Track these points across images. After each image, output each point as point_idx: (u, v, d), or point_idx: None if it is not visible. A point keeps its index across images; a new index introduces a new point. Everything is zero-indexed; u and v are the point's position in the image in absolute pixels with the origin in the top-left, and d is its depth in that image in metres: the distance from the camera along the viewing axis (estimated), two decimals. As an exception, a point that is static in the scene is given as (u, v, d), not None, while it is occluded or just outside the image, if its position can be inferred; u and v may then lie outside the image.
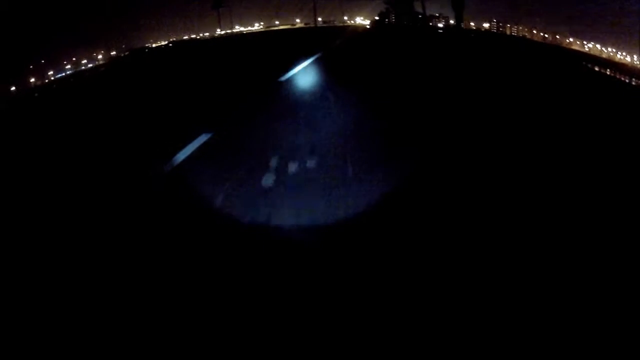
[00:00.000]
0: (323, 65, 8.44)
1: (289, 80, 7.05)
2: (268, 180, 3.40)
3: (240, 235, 2.81)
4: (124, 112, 5.77)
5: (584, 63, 12.38)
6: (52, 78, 11.35)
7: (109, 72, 12.58)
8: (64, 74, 11.79)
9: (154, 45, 15.68)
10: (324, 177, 3.43)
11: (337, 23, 24.37)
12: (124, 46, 13.91)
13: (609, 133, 4.52)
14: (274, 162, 3.77)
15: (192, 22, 17.46)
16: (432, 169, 3.48)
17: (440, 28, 20.68)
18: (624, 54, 14.57)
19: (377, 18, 23.14)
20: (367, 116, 5.03)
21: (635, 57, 15.06)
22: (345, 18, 24.28)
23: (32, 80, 10.60)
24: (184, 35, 17.74)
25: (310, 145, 4.11)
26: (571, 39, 16.92)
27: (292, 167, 3.59)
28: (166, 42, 16.53)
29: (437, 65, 9.16)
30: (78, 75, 12.30)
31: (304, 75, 7.52)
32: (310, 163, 3.71)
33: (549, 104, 5.85)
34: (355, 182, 3.29)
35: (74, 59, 11.85)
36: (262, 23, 21.80)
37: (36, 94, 10.55)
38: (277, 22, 23.20)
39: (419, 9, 19.68)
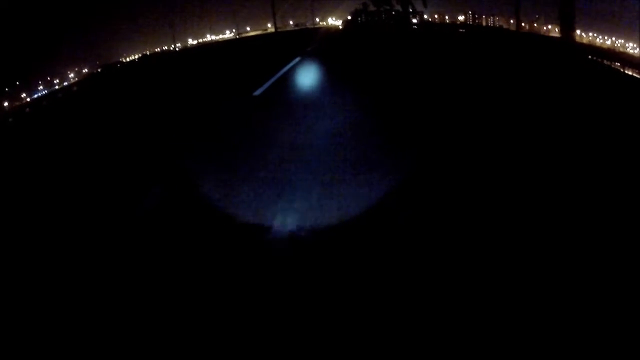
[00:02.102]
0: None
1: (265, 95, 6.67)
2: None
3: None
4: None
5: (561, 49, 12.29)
6: (27, 100, 10.46)
7: (81, 91, 11.74)
8: (37, 95, 10.91)
9: (127, 60, 14.88)
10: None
11: (308, 25, 24.01)
12: (98, 62, 13.08)
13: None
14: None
15: (165, 34, 16.73)
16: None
17: (414, 24, 20.54)
18: (605, 37, 14.67)
19: (349, 17, 22.88)
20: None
21: (614, 39, 15.24)
22: (317, 20, 23.96)
23: (6, 104, 9.70)
24: (156, 48, 17.00)
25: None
26: (549, 26, 17.01)
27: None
28: (139, 56, 15.74)
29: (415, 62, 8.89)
30: (51, 95, 11.44)
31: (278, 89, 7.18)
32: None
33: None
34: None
35: (48, 78, 10.97)
36: (234, 30, 21.20)
37: (10, 119, 9.67)
38: (248, 28, 22.64)
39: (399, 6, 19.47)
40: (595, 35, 16.13)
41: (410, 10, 21.02)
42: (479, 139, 3.94)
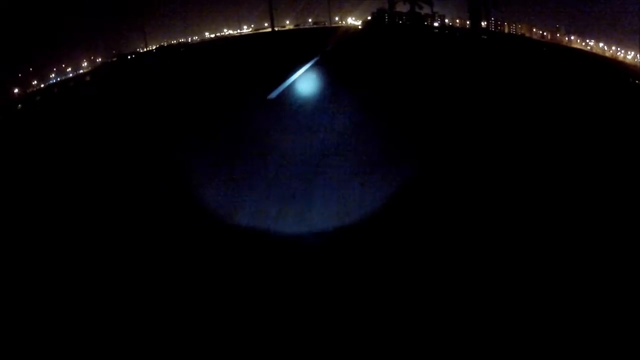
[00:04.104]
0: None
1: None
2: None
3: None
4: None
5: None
6: (41, 86, 10.51)
7: (93, 82, 11.68)
8: (51, 82, 10.96)
9: (144, 50, 14.92)
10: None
11: (326, 24, 23.90)
12: (114, 51, 13.12)
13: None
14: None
15: (183, 26, 16.75)
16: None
17: (435, 27, 20.22)
18: (629, 52, 14.27)
19: (369, 18, 22.64)
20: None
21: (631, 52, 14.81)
22: (337, 19, 23.83)
23: (16, 90, 9.75)
24: (173, 40, 17.04)
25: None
26: (572, 37, 16.64)
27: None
28: (155, 47, 15.78)
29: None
30: (62, 84, 11.47)
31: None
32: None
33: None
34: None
35: (63, 65, 11.02)
36: (252, 25, 21.18)
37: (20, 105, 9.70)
38: (265, 24, 22.62)
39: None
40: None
41: (432, 13, 20.72)
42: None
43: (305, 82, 7.02)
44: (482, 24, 17.14)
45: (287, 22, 23.59)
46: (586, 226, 2.41)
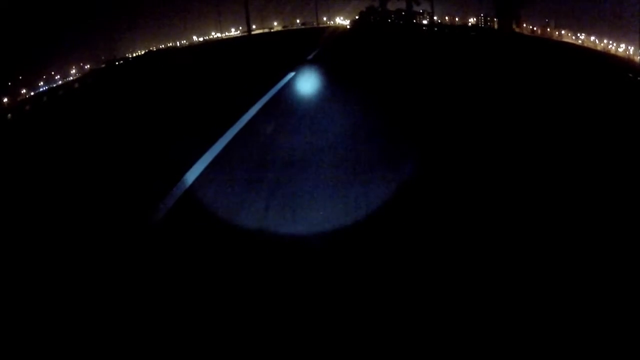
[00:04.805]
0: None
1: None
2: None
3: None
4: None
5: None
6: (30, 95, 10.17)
7: (83, 90, 11.24)
8: (37, 91, 10.61)
9: (133, 55, 14.60)
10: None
11: (314, 24, 23.78)
12: (103, 57, 12.79)
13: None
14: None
15: (172, 30, 16.47)
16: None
17: (424, 25, 20.19)
18: (622, 45, 14.32)
19: (357, 17, 22.55)
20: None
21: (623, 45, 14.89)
22: (325, 19, 23.71)
23: (5, 100, 9.40)
24: (162, 45, 16.76)
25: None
26: (563, 32, 16.68)
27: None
28: (144, 52, 15.48)
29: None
30: (52, 92, 11.12)
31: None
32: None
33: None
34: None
35: (52, 73, 10.68)
36: (240, 28, 20.97)
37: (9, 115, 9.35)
38: (254, 27, 22.41)
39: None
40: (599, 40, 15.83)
41: (421, 11, 20.70)
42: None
43: (266, 121, 4.76)
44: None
45: (275, 23, 23.39)
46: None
